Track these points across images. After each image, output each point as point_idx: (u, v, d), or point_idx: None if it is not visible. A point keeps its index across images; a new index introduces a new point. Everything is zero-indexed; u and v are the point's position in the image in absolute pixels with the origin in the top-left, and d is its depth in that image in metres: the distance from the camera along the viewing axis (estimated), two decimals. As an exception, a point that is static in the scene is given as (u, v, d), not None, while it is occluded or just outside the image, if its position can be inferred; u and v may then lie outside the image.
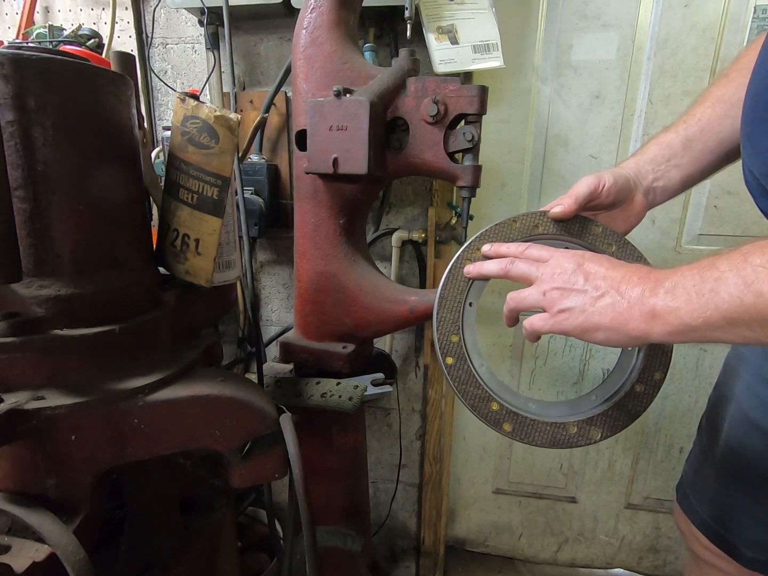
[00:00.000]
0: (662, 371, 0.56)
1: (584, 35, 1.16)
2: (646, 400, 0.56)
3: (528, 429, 0.55)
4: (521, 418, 0.56)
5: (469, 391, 0.56)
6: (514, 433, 0.56)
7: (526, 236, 0.58)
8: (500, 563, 1.58)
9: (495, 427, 0.56)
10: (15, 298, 0.46)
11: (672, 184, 0.62)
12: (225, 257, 0.66)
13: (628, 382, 0.56)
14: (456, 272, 0.59)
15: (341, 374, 0.85)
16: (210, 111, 0.55)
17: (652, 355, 0.56)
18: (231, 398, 0.51)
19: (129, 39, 1.19)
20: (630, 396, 0.56)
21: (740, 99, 0.58)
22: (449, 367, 0.57)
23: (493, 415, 0.56)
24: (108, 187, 0.51)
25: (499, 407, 0.56)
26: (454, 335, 0.58)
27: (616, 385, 0.57)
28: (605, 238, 0.58)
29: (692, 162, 0.61)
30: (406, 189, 1.20)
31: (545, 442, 0.55)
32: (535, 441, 0.55)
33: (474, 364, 0.57)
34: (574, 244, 0.59)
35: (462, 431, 1.50)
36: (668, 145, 0.62)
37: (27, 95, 0.44)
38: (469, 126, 0.71)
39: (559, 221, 0.58)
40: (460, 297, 0.58)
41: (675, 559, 1.47)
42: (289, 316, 1.35)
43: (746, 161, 0.55)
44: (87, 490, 0.48)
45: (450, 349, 0.57)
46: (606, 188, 0.57)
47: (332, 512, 0.93)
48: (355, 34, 0.80)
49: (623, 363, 0.58)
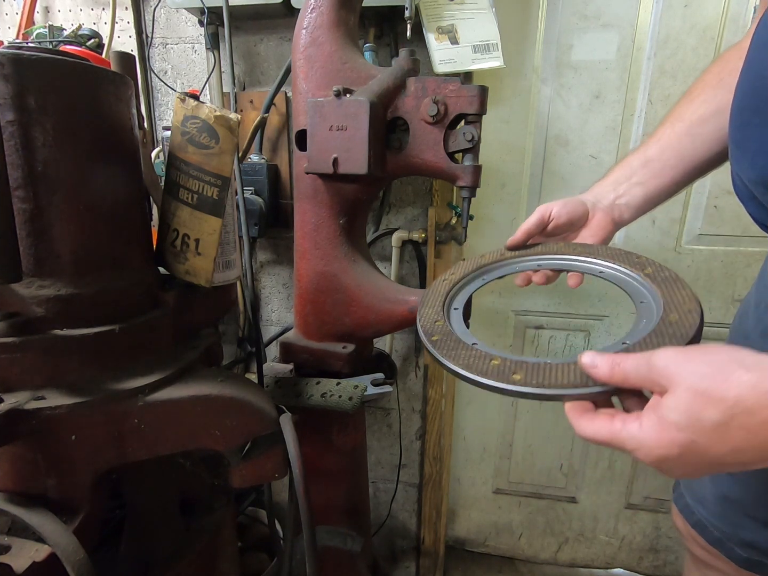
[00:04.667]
0: (691, 303, 0.46)
1: (584, 35, 1.16)
2: (688, 324, 0.43)
3: (545, 372, 0.42)
4: (534, 364, 0.43)
5: (460, 354, 0.47)
6: (527, 380, 0.42)
7: (495, 261, 0.65)
8: (500, 563, 1.58)
9: (502, 380, 0.43)
10: (15, 298, 0.46)
11: (636, 200, 0.65)
12: (225, 257, 0.66)
13: (659, 316, 0.46)
14: (434, 286, 0.62)
15: (341, 374, 0.85)
16: (210, 111, 0.55)
17: (670, 294, 0.48)
18: (231, 398, 0.51)
19: (129, 39, 1.19)
20: (665, 324, 0.44)
21: (700, 117, 0.62)
22: (435, 342, 0.50)
23: (495, 370, 0.44)
24: (108, 187, 0.51)
25: (501, 361, 0.45)
26: (438, 321, 0.54)
27: (649, 326, 0.46)
28: (568, 247, 0.63)
29: (653, 178, 0.65)
30: (406, 189, 1.20)
31: (576, 380, 0.40)
32: (560, 382, 0.40)
33: (464, 339, 0.50)
34: (542, 259, 0.63)
35: (462, 431, 1.50)
36: (629, 165, 0.66)
37: (27, 95, 0.44)
38: (469, 126, 0.71)
39: (514, 249, 0.66)
40: (441, 299, 0.59)
41: (675, 559, 1.47)
42: (289, 316, 1.35)
43: (734, 167, 0.55)
44: (87, 490, 0.48)
45: (434, 330, 0.52)
46: (555, 212, 0.63)
47: (332, 512, 0.93)
48: (355, 34, 0.80)
49: (644, 314, 0.49)
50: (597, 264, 0.60)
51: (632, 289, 0.54)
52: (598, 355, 0.39)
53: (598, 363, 0.38)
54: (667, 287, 0.50)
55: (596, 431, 0.38)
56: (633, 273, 0.55)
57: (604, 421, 0.38)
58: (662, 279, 0.51)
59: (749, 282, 1.22)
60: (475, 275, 0.64)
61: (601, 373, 0.38)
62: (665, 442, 0.34)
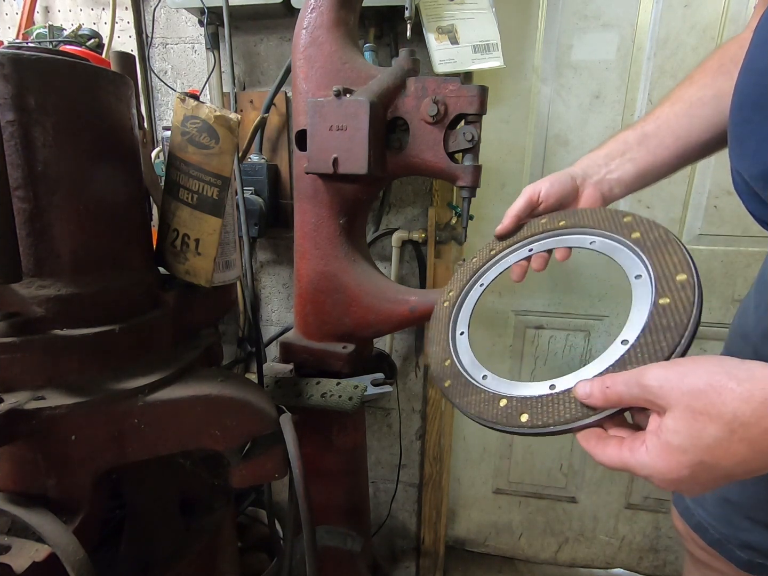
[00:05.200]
0: (684, 272, 0.44)
1: (584, 35, 1.16)
2: (682, 307, 0.41)
3: (548, 409, 0.43)
4: (537, 399, 0.44)
5: (471, 400, 0.49)
6: (533, 421, 0.43)
7: (486, 261, 0.63)
8: (500, 563, 1.58)
9: (509, 425, 0.45)
10: (15, 298, 0.46)
11: (627, 176, 0.63)
12: (225, 257, 0.66)
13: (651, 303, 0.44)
14: (437, 314, 0.62)
15: (341, 374, 0.85)
16: (210, 111, 0.55)
17: (660, 263, 0.46)
18: (231, 398, 0.51)
19: (129, 39, 1.19)
20: (659, 314, 0.42)
21: (700, 99, 0.61)
22: (447, 389, 0.52)
23: (502, 413, 0.45)
24: (108, 187, 0.51)
25: (507, 402, 0.46)
26: (446, 360, 0.55)
27: (643, 313, 0.44)
28: (553, 219, 0.60)
29: (647, 156, 0.62)
30: (406, 189, 1.20)
31: (578, 413, 0.41)
32: (564, 417, 0.41)
33: (473, 377, 0.52)
34: (531, 241, 0.61)
35: (462, 431, 1.50)
36: (624, 140, 0.64)
37: (27, 95, 0.44)
38: (469, 126, 0.71)
39: (505, 237, 0.63)
40: (445, 330, 0.59)
41: (675, 559, 1.47)
42: (289, 316, 1.35)
43: (734, 163, 0.55)
44: (87, 490, 0.48)
45: (445, 373, 0.54)
46: (543, 193, 0.61)
47: (332, 512, 0.93)
48: (355, 34, 0.80)
49: (639, 292, 0.47)
50: (587, 234, 0.56)
51: (625, 259, 0.50)
52: (588, 382, 0.40)
53: (589, 391, 0.39)
54: (657, 254, 0.47)
55: (610, 459, 0.39)
56: (622, 239, 0.52)
57: (614, 449, 0.39)
58: (652, 243, 0.48)
59: (749, 282, 1.22)
60: (472, 284, 0.63)
61: (596, 400, 0.39)
62: (674, 466, 0.35)
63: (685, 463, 0.34)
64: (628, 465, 0.37)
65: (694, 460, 0.34)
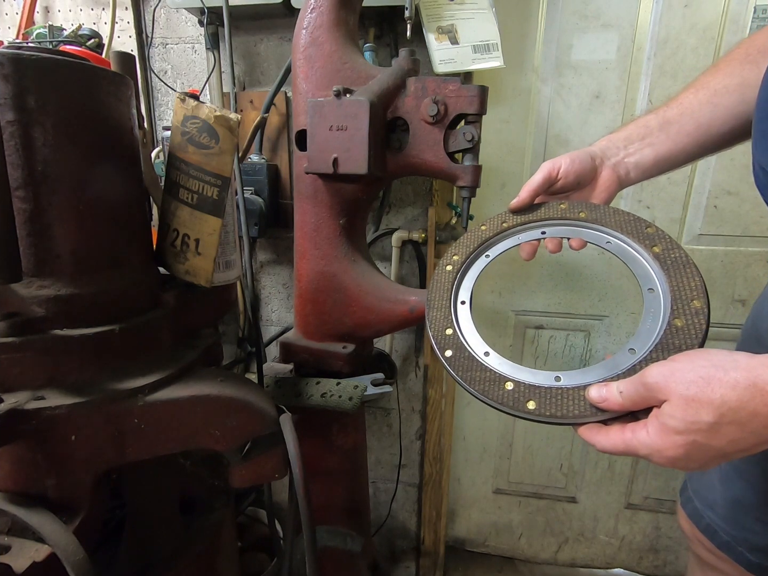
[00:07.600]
0: (699, 299, 0.46)
1: (584, 35, 1.16)
2: (694, 332, 0.44)
3: (557, 402, 0.44)
4: (546, 390, 0.45)
5: (476, 376, 0.48)
6: (540, 409, 0.44)
7: (497, 233, 0.62)
8: (500, 563, 1.58)
9: (515, 410, 0.45)
10: (15, 298, 0.46)
11: (646, 161, 0.62)
12: (225, 257, 0.66)
13: (665, 321, 0.46)
14: (438, 276, 0.60)
15: (341, 374, 0.85)
16: (210, 111, 0.55)
17: (678, 285, 0.47)
18: (231, 398, 0.51)
19: (129, 39, 1.19)
20: (671, 333, 0.44)
21: (725, 87, 0.60)
22: (448, 359, 0.51)
23: (509, 396, 0.46)
24: (108, 187, 0.51)
25: (515, 385, 0.46)
26: (448, 329, 0.54)
27: (654, 330, 0.46)
28: (574, 208, 0.59)
29: (667, 142, 0.62)
30: (406, 189, 1.20)
31: (586, 412, 0.43)
32: (572, 413, 0.43)
33: (476, 352, 0.51)
34: (546, 224, 0.60)
35: (462, 431, 1.50)
36: (645, 125, 0.63)
37: (27, 95, 0.44)
38: (469, 126, 0.71)
39: (519, 211, 0.62)
40: (447, 296, 0.58)
41: (675, 559, 1.47)
42: (289, 316, 1.35)
43: (757, 157, 0.54)
44: (87, 490, 0.48)
45: (446, 342, 0.53)
46: (562, 170, 0.60)
47: (332, 512, 0.93)
48: (355, 34, 0.80)
49: (651, 306, 0.49)
50: (605, 233, 0.57)
51: (640, 270, 0.52)
52: (603, 387, 0.43)
53: (605, 395, 0.42)
54: (676, 274, 0.49)
55: (614, 444, 0.42)
56: (642, 249, 0.53)
57: (617, 432, 0.42)
58: (672, 262, 0.50)
59: (749, 282, 1.22)
60: (478, 253, 0.62)
61: (611, 404, 0.42)
62: (670, 444, 0.39)
63: (680, 442, 0.38)
64: (630, 445, 0.41)
65: (688, 440, 0.38)
